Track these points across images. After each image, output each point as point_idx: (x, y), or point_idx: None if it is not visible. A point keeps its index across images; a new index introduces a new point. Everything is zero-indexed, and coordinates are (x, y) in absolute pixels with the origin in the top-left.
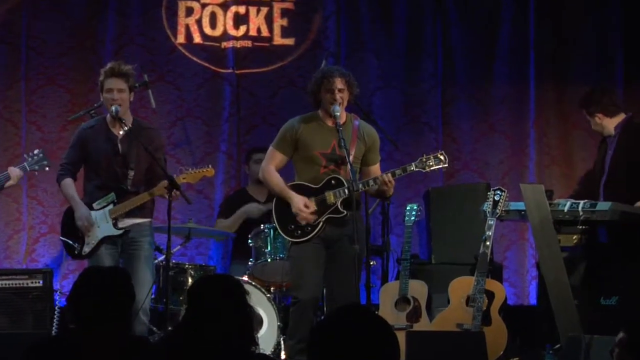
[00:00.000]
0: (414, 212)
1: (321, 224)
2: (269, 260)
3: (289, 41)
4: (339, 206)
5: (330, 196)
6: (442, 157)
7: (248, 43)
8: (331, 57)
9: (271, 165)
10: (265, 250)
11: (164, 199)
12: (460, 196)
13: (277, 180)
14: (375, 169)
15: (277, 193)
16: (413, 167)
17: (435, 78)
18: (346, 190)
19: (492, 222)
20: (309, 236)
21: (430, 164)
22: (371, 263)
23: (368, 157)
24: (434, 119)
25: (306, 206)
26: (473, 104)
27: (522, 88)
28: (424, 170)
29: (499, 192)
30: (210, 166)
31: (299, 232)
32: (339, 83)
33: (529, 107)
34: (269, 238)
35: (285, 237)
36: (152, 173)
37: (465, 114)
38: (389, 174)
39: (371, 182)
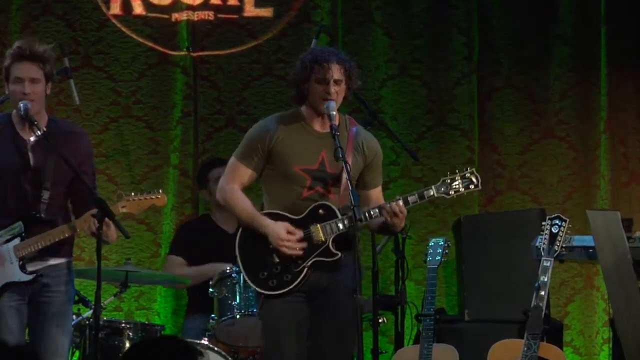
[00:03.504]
0: (439, 250)
1: (305, 270)
2: (238, 316)
3: (266, 12)
4: (331, 246)
5: (318, 231)
6: (473, 178)
7: (209, 15)
8: (324, 34)
9: (234, 183)
10: (233, 302)
11: (91, 233)
12: (503, 227)
13: (243, 204)
14: (376, 194)
15: (244, 222)
16: (433, 193)
17: (470, 63)
18: (340, 225)
19: (548, 264)
20: (288, 288)
21: (457, 186)
22: (380, 320)
23: (367, 177)
24: (467, 120)
25: (289, 233)
26: (522, 99)
27: (590, 77)
28: (447, 196)
29: (557, 221)
30: (161, 191)
31: (274, 281)
32: (335, 72)
33: (599, 104)
34: (237, 286)
35: (255, 288)
36: (76, 195)
37: (510, 113)
38: (400, 202)
39: (374, 212)
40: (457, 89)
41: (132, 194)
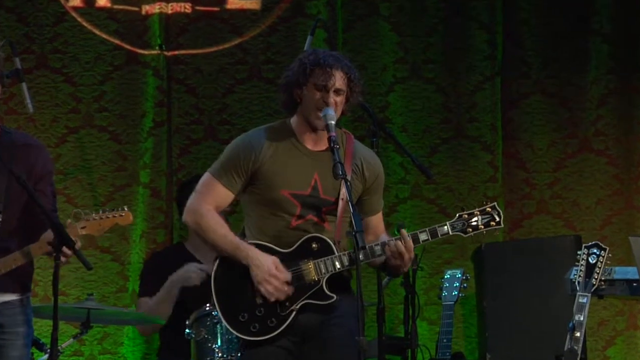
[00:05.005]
0: (456, 284)
1: (293, 314)
2: None
3: (252, 4)
4: (324, 287)
5: (310, 270)
6: (495, 214)
7: (186, 7)
8: (321, 30)
9: (207, 204)
10: (214, 346)
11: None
12: (532, 257)
13: (222, 229)
14: (375, 222)
15: (222, 250)
16: (447, 231)
17: (493, 64)
18: (337, 263)
19: (584, 300)
20: (273, 334)
21: (476, 224)
22: None
23: (366, 202)
24: (489, 130)
25: (277, 269)
26: (553, 107)
27: (633, 80)
28: (464, 235)
29: (595, 250)
30: (126, 208)
31: (256, 325)
32: (338, 79)
33: None
34: (219, 326)
35: (234, 332)
36: (32, 219)
37: (540, 123)
38: (407, 238)
39: (377, 249)
40: (477, 94)
41: (92, 213)
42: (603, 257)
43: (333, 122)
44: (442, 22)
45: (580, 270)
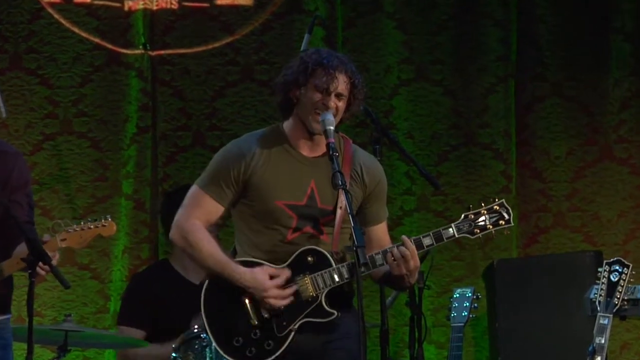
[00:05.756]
0: (466, 304)
1: (292, 335)
2: None
3: (245, 0)
4: (324, 302)
5: (306, 285)
6: (503, 211)
7: (172, 3)
8: (319, 28)
9: (195, 219)
10: None
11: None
12: (548, 275)
13: (210, 248)
14: (378, 233)
15: (211, 270)
16: (453, 233)
17: (507, 65)
18: (335, 276)
19: (606, 322)
20: (272, 357)
21: (483, 223)
22: None
23: (367, 211)
24: (502, 137)
25: (272, 277)
26: (572, 111)
27: None
28: (472, 236)
29: (617, 267)
30: (109, 218)
31: (253, 349)
32: (341, 83)
33: None
34: (208, 350)
35: (227, 358)
36: (8, 232)
37: (558, 129)
38: (410, 243)
39: (378, 258)
40: (490, 97)
41: (73, 224)
42: (626, 274)
43: (332, 128)
44: (452, 19)
45: (601, 289)
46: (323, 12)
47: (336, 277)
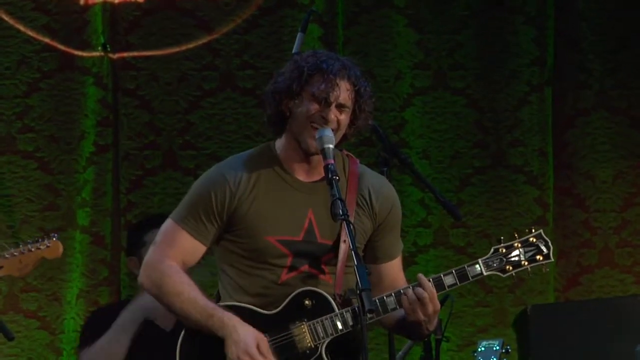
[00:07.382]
0: (494, 358)
1: None
2: None
3: None
4: (324, 355)
5: (303, 334)
6: (541, 245)
7: None
8: (315, 25)
9: (170, 259)
10: None
11: None
12: (592, 323)
13: (190, 292)
14: (392, 272)
15: (192, 318)
16: (480, 270)
17: (542, 70)
18: (338, 323)
19: None
20: None
21: (517, 259)
22: None
23: (378, 245)
24: (537, 158)
25: (259, 348)
26: (622, 127)
27: None
28: (503, 275)
29: None
30: (54, 237)
31: None
32: (343, 92)
33: None
34: None
35: None
36: None
37: (605, 148)
38: (427, 283)
39: (390, 300)
40: (522, 110)
41: (11, 247)
42: None
43: (331, 147)
44: (475, 15)
45: None
46: (320, 6)
47: (339, 325)
